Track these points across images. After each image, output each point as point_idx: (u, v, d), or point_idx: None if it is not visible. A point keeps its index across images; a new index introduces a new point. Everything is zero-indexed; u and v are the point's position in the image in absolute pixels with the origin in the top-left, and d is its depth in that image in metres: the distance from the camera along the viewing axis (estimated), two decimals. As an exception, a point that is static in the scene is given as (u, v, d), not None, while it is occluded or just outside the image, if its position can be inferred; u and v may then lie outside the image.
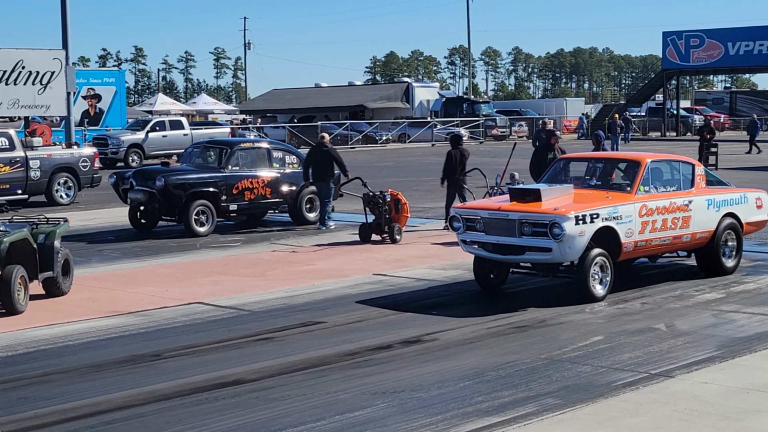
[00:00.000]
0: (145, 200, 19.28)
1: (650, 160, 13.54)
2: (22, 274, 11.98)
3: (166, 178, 18.98)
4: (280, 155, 20.78)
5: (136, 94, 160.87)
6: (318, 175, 19.56)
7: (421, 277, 14.33)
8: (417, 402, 8.24)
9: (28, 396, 8.63)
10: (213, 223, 19.25)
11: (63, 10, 33.30)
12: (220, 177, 19.50)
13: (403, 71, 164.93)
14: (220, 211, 19.49)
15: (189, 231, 18.95)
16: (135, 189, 19.38)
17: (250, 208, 20.14)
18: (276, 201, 20.38)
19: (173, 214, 19.37)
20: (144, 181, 19.35)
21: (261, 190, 20.03)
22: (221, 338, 10.70)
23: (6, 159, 24.20)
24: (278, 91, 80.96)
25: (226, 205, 19.57)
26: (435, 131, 59.30)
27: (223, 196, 19.47)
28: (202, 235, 18.90)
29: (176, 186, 19.01)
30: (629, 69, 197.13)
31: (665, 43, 66.29)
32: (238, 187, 19.68)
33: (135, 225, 19.91)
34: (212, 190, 19.33)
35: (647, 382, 8.69)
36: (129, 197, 19.63)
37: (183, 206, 18.99)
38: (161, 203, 19.11)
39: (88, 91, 43.97)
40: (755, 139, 45.05)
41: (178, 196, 18.98)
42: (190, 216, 18.91)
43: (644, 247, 13.04)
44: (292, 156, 21.13)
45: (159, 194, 18.92)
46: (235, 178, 19.69)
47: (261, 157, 20.40)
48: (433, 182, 28.11)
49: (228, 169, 19.69)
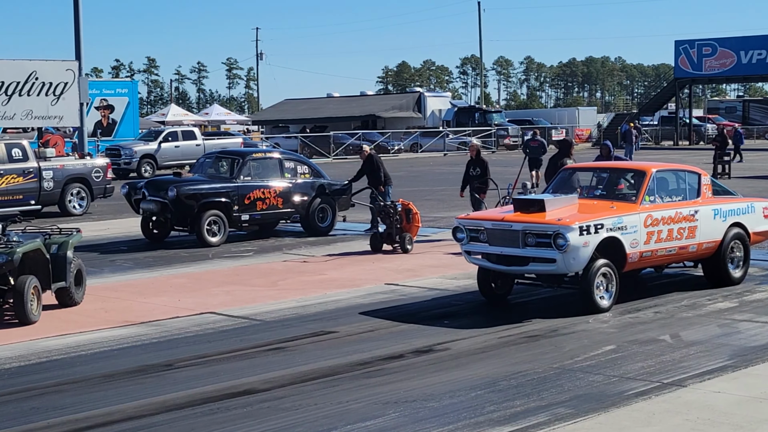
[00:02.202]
0: (158, 210, 19.29)
1: (655, 169, 13.48)
2: (35, 285, 12.02)
3: (179, 188, 19.00)
4: (292, 165, 20.78)
5: (149, 105, 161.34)
6: (373, 184, 20.13)
7: (432, 287, 14.32)
8: (429, 411, 8.23)
9: (41, 406, 8.65)
10: (225, 233, 19.27)
11: (76, 21, 33.46)
12: (232, 187, 19.51)
13: (414, 81, 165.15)
14: (232, 222, 19.48)
15: (201, 241, 18.96)
16: (147, 199, 19.40)
17: (262, 219, 20.13)
18: (288, 211, 20.36)
19: (185, 225, 19.36)
20: (156, 191, 19.37)
21: (273, 200, 20.02)
22: (233, 348, 10.71)
23: (19, 170, 24.30)
24: (290, 102, 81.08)
25: (238, 215, 19.56)
26: (447, 141, 59.34)
27: (235, 207, 19.46)
28: (214, 245, 18.91)
29: (188, 196, 19.03)
30: (641, 78, 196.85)
31: (677, 51, 66.18)
32: (250, 197, 19.67)
33: (147, 235, 19.93)
34: (224, 200, 19.33)
35: (659, 392, 8.66)
36: (141, 207, 19.65)
37: (195, 216, 19.00)
38: (173, 213, 19.11)
39: (101, 102, 44.14)
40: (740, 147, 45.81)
41: (190, 206, 18.99)
42: (202, 226, 18.93)
43: (650, 257, 12.97)
44: (304, 166, 21.14)
45: (171, 204, 18.94)
46: (247, 188, 19.70)
47: (273, 167, 20.40)
48: (445, 192, 28.16)
49: (240, 180, 19.69)
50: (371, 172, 20.38)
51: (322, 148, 54.13)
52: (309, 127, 66.16)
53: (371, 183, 20.33)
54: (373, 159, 20.64)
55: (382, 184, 20.16)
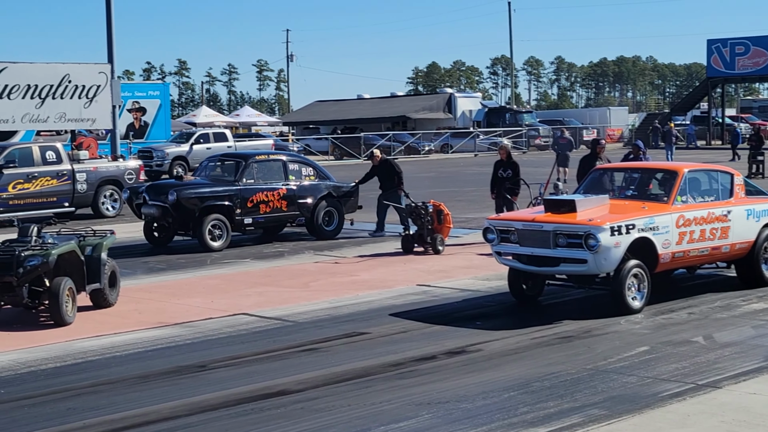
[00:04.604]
0: (159, 215, 18.98)
1: (687, 169, 13.41)
2: (70, 286, 12.12)
3: (179, 192, 18.66)
4: (297, 167, 20.44)
5: (180, 107, 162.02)
6: (385, 187, 20.08)
7: (464, 288, 14.32)
8: (462, 413, 8.23)
9: (77, 406, 8.73)
10: (228, 237, 18.91)
11: (108, 24, 33.66)
12: (234, 190, 19.17)
13: (445, 82, 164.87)
14: (234, 225, 19.15)
15: (203, 245, 18.65)
16: (148, 204, 19.08)
17: (266, 222, 19.80)
18: (292, 214, 20.02)
19: (187, 229, 19.04)
20: (157, 195, 19.05)
21: (277, 203, 19.70)
22: (266, 349, 10.76)
23: (53, 172, 24.53)
24: (321, 103, 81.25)
25: (241, 219, 19.22)
26: (478, 141, 59.25)
27: (238, 210, 19.11)
28: (216, 249, 18.59)
29: (189, 200, 18.69)
30: (673, 77, 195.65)
31: (710, 50, 65.71)
32: (252, 200, 19.32)
33: (150, 240, 19.57)
34: (226, 203, 18.97)
35: (694, 393, 8.62)
36: (142, 212, 19.39)
37: (196, 220, 18.72)
38: (174, 218, 18.85)
39: (133, 104, 44.38)
40: (736, 147, 46.65)
41: (191, 210, 18.67)
42: (203, 230, 18.60)
43: (682, 258, 12.90)
44: (309, 168, 20.77)
45: (172, 208, 18.63)
46: (250, 191, 19.36)
47: (277, 169, 20.06)
48: (476, 193, 28.11)
49: (242, 182, 19.37)
50: (386, 177, 20.20)
51: (353, 149, 54.20)
52: (340, 129, 66.28)
53: (384, 187, 20.20)
54: (388, 163, 20.54)
55: (400, 186, 20.00)
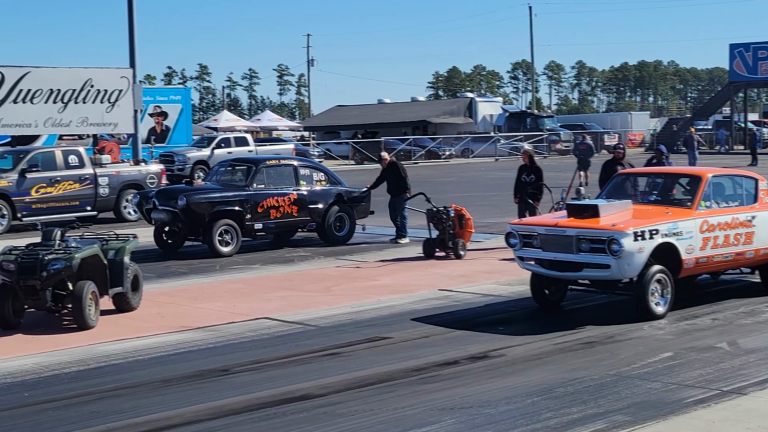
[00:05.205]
0: (168, 220, 18.92)
1: (711, 174, 13.33)
2: (93, 290, 12.17)
3: (188, 197, 18.56)
4: (308, 172, 20.29)
5: (201, 111, 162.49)
6: (391, 191, 20.02)
7: (486, 293, 14.28)
8: (485, 418, 8.21)
9: (100, 410, 8.75)
10: (238, 242, 18.80)
11: (130, 29, 33.80)
12: (244, 195, 19.05)
13: (465, 86, 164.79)
14: (245, 231, 19.02)
15: (213, 251, 18.53)
16: (158, 209, 19.02)
17: (276, 227, 19.65)
18: (303, 219, 19.91)
19: (197, 234, 18.87)
20: (167, 200, 18.94)
21: (287, 208, 19.57)
22: (289, 353, 10.76)
23: (76, 176, 24.67)
24: (341, 108, 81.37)
25: (251, 224, 19.08)
26: (498, 146, 59.15)
27: (248, 215, 18.99)
28: (227, 255, 18.46)
29: (199, 205, 18.59)
30: (695, 82, 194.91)
31: (732, 55, 65.36)
32: (263, 205, 19.20)
33: (160, 245, 19.46)
34: (236, 208, 18.85)
35: (719, 399, 8.57)
36: (152, 217, 19.31)
37: (206, 226, 18.57)
38: (184, 223, 18.72)
39: (155, 109, 44.51)
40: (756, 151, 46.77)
41: (201, 215, 18.54)
42: (213, 235, 18.48)
43: (706, 263, 12.82)
44: (320, 173, 20.66)
45: (182, 214, 18.54)
46: (260, 196, 19.23)
47: (288, 174, 19.94)
48: (497, 197, 28.08)
49: (253, 187, 19.25)
50: (394, 180, 20.18)
51: (374, 154, 54.15)
52: (360, 133, 66.33)
53: (392, 191, 20.15)
54: (395, 166, 20.49)
55: (407, 190, 20.02)
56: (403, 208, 20.00)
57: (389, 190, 20.33)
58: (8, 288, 12.05)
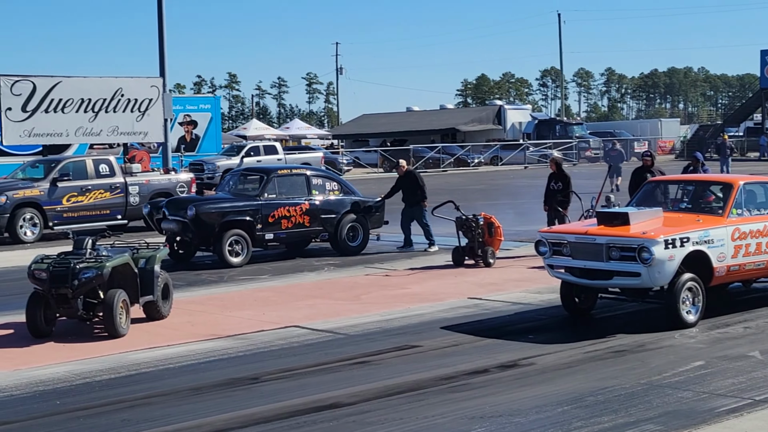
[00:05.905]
0: (179, 230, 18.77)
1: (743, 182, 13.23)
2: (123, 298, 12.24)
3: (198, 207, 18.43)
4: (320, 182, 20.07)
5: (230, 120, 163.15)
6: (408, 201, 19.95)
7: (516, 301, 14.24)
8: (515, 427, 8.18)
9: (131, 418, 8.79)
10: (248, 253, 18.63)
11: (160, 38, 34.03)
12: (254, 205, 18.88)
13: (494, 94, 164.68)
14: (255, 241, 18.84)
15: (222, 261, 18.40)
16: (168, 219, 18.88)
17: (288, 237, 19.44)
18: (316, 229, 19.71)
19: (208, 244, 18.71)
20: (177, 210, 18.81)
21: (299, 218, 19.36)
22: (318, 362, 10.77)
23: (106, 185, 24.85)
24: (370, 116, 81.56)
25: (262, 234, 18.90)
26: (527, 154, 59.04)
27: (259, 225, 18.80)
28: (237, 265, 18.32)
29: (208, 215, 18.44)
30: (725, 88, 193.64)
31: (763, 61, 65.01)
32: (274, 215, 19.00)
33: (172, 255, 19.02)
34: (247, 218, 18.67)
35: (752, 409, 8.50)
36: (162, 227, 19.22)
37: (216, 236, 18.42)
38: (194, 233, 18.55)
39: (185, 118, 44.74)
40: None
41: (210, 225, 18.37)
42: (223, 246, 18.32)
43: (737, 271, 12.73)
44: (333, 183, 20.50)
45: (191, 224, 18.37)
46: (271, 206, 19.03)
47: (300, 184, 19.73)
48: (526, 205, 28.00)
49: (264, 197, 19.07)
50: (410, 189, 20.13)
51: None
52: (389, 141, 66.39)
53: (408, 200, 20.11)
54: (412, 175, 20.49)
55: (424, 200, 19.99)
56: (423, 216, 19.96)
57: (404, 199, 20.30)
58: (40, 296, 12.15)
